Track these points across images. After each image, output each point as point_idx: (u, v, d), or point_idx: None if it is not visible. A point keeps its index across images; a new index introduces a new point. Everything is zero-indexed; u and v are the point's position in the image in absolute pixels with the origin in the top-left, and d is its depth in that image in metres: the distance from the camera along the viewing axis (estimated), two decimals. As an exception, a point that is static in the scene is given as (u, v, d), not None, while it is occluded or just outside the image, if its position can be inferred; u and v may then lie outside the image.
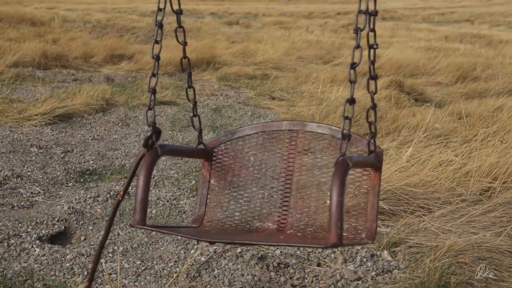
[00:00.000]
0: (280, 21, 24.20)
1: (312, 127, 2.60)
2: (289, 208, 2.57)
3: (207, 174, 2.71)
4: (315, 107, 7.94)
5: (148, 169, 2.33)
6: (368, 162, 2.27)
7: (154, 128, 2.41)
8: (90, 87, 8.05)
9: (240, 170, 2.69)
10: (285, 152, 2.64)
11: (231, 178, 2.69)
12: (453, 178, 4.69)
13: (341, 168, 1.97)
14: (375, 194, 2.32)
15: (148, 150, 2.40)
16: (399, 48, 14.65)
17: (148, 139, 2.39)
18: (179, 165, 5.50)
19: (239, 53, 13.09)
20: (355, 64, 2.07)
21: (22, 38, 12.35)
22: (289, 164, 2.62)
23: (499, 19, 26.66)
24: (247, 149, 2.71)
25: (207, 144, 2.71)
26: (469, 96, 9.07)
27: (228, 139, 2.73)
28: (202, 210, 2.68)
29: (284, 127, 2.66)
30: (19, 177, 4.91)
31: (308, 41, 16.24)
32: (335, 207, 1.89)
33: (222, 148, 2.73)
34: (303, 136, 2.62)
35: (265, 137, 2.69)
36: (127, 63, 11.34)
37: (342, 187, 1.92)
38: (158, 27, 2.44)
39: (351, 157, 2.03)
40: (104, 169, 5.33)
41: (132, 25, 18.46)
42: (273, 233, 2.53)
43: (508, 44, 15.87)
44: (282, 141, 2.66)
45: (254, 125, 2.73)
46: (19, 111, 6.77)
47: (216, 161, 2.72)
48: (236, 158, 2.71)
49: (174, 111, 7.78)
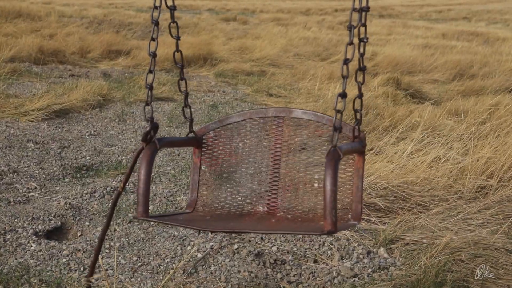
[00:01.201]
0: (278, 18, 24.18)
1: (297, 113, 2.70)
2: (278, 191, 2.67)
3: (198, 161, 2.81)
4: (312, 104, 7.95)
5: (148, 162, 2.42)
6: (355, 149, 2.38)
7: (152, 123, 2.48)
8: (87, 82, 8.04)
9: (230, 156, 2.78)
10: (273, 138, 2.74)
11: (221, 163, 2.79)
12: (449, 176, 4.70)
13: (333, 159, 2.07)
14: (359, 177, 2.43)
15: (147, 144, 2.45)
16: (396, 45, 14.67)
17: (147, 134, 2.46)
18: (176, 161, 5.50)
19: (236, 50, 13.08)
20: (348, 60, 2.18)
21: (19, 33, 12.31)
22: (276, 149, 2.72)
23: (496, 17, 26.66)
24: (236, 135, 2.80)
25: (197, 131, 2.81)
26: (466, 93, 9.08)
27: (217, 126, 2.82)
28: (194, 196, 2.78)
29: (271, 113, 2.76)
30: (16, 173, 4.90)
31: (306, 38, 16.23)
32: (329, 196, 2.00)
33: (212, 135, 2.82)
34: (289, 122, 2.71)
35: (253, 124, 2.78)
36: (124, 59, 11.33)
37: (335, 176, 2.02)
38: (155, 25, 2.51)
39: (341, 147, 2.14)
40: (100, 165, 5.32)
41: (129, 21, 18.41)
42: (264, 216, 2.62)
43: (505, 42, 15.89)
44: (269, 127, 2.75)
45: (242, 112, 2.82)
46: (15, 106, 6.76)
47: (206, 148, 2.82)
48: (225, 144, 2.80)
49: (171, 107, 7.77)
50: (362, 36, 2.26)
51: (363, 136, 2.42)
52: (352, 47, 2.17)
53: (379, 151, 5.38)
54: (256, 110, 2.78)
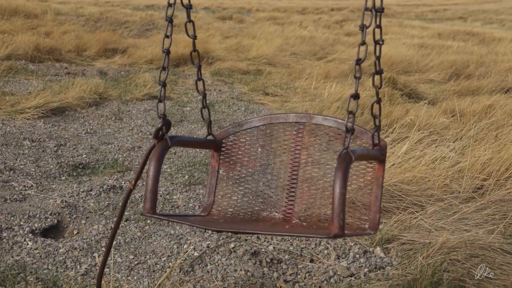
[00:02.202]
0: (274, 17, 24.20)
1: (318, 119, 2.66)
2: (295, 198, 2.63)
3: (216, 165, 2.77)
4: (308, 103, 7.95)
5: (158, 159, 2.38)
6: (372, 155, 2.33)
7: (164, 120, 2.46)
8: (83, 81, 8.03)
9: (248, 161, 2.75)
10: (292, 144, 2.70)
11: (239, 168, 2.76)
12: (446, 175, 4.71)
13: (344, 161, 2.02)
14: (379, 186, 2.37)
15: (158, 141, 2.43)
16: (393, 45, 14.69)
17: (159, 131, 2.44)
18: (172, 159, 5.50)
19: (232, 49, 13.07)
20: (360, 60, 2.12)
21: (15, 31, 12.29)
22: (295, 156, 2.68)
23: (491, 17, 26.71)
24: (255, 140, 2.77)
25: (216, 135, 2.78)
26: (462, 93, 9.09)
27: (236, 130, 2.79)
28: (210, 199, 2.75)
29: (291, 119, 2.72)
30: (12, 170, 4.89)
31: (302, 37, 16.24)
32: (337, 199, 1.95)
33: (231, 139, 2.79)
34: (309, 129, 2.67)
35: (272, 129, 2.75)
36: (120, 57, 11.31)
37: (345, 179, 1.97)
38: (169, 22, 2.47)
39: (354, 151, 2.08)
40: (97, 163, 5.32)
41: (125, 19, 18.39)
42: (279, 222, 2.58)
43: (500, 41, 15.92)
44: (289, 133, 2.72)
45: (262, 117, 2.79)
46: (11, 104, 6.74)
47: (225, 152, 2.79)
48: (244, 149, 2.77)
49: (168, 105, 7.76)
50: (377, 38, 2.20)
51: (384, 144, 2.36)
52: (365, 47, 2.12)
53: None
54: (276, 115, 2.76)
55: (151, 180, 2.33)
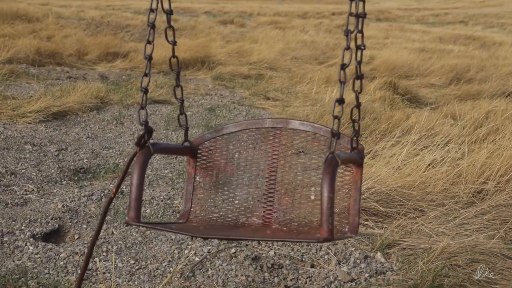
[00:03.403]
0: (275, 21, 24.21)
1: (294, 124, 2.66)
2: (274, 203, 2.63)
3: (192, 171, 2.76)
4: (309, 107, 7.96)
5: (141, 167, 2.36)
6: (353, 159, 2.34)
7: (146, 127, 2.45)
8: (84, 85, 8.04)
9: (225, 167, 2.74)
10: (269, 149, 2.69)
11: (216, 174, 2.74)
12: (446, 179, 4.71)
13: (331, 166, 2.03)
14: (357, 189, 2.38)
15: (140, 148, 2.42)
16: (394, 49, 14.70)
17: (141, 138, 2.42)
18: (173, 164, 5.51)
19: (234, 53, 13.08)
20: (345, 65, 2.12)
21: (16, 35, 12.31)
22: (273, 161, 2.68)
23: (492, 21, 26.73)
24: (232, 146, 2.76)
25: (192, 141, 2.76)
26: (462, 98, 9.09)
27: (212, 136, 2.78)
28: (188, 206, 2.73)
29: (268, 124, 2.72)
30: (13, 175, 4.90)
31: (303, 41, 16.26)
32: (326, 203, 1.96)
33: (207, 145, 2.77)
34: (286, 133, 2.67)
35: (249, 134, 2.74)
36: (121, 61, 11.33)
37: (332, 183, 1.98)
38: (151, 27, 2.47)
39: (339, 155, 2.10)
40: (98, 167, 5.33)
41: (126, 23, 18.43)
42: (259, 228, 2.58)
43: (501, 45, 15.92)
44: (266, 138, 2.71)
45: (239, 123, 2.78)
46: (13, 108, 6.75)
47: (201, 158, 2.77)
48: (221, 155, 2.76)
49: (169, 110, 7.77)
50: (359, 43, 2.20)
51: (362, 148, 2.37)
52: (349, 52, 2.13)
53: (376, 155, 5.40)
54: (252, 121, 2.75)
55: (135, 188, 2.32)
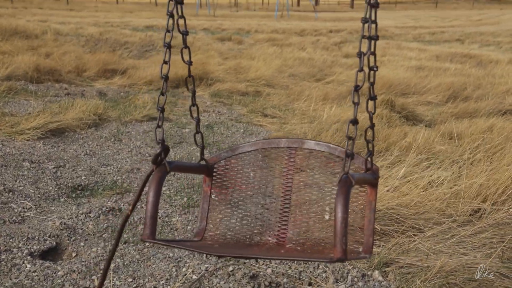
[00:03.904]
0: (273, 38, 24.25)
1: (310, 144, 2.66)
2: (288, 223, 2.63)
3: (208, 189, 2.77)
4: (307, 125, 7.98)
5: (157, 185, 2.39)
6: (367, 180, 2.35)
7: (163, 146, 2.47)
8: (82, 101, 8.06)
9: (240, 186, 2.75)
10: (284, 169, 2.70)
11: (232, 193, 2.75)
12: (443, 199, 4.73)
13: (345, 186, 2.04)
14: (372, 210, 2.39)
15: (157, 166, 2.44)
16: (391, 67, 14.74)
17: (158, 156, 2.45)
18: (171, 181, 5.51)
19: (231, 70, 13.12)
20: (358, 87, 2.14)
21: (15, 51, 12.35)
22: (288, 180, 2.68)
23: (489, 39, 26.84)
24: (247, 165, 2.77)
25: (208, 160, 2.78)
26: (459, 116, 9.12)
27: (228, 155, 2.79)
28: (203, 224, 2.74)
29: (283, 144, 2.73)
30: (11, 192, 4.90)
31: (300, 58, 16.30)
32: (339, 223, 1.96)
33: (223, 164, 2.79)
34: (301, 153, 2.68)
35: (264, 154, 2.76)
36: (119, 78, 11.36)
37: (346, 204, 1.99)
38: (167, 48, 2.49)
39: (353, 175, 2.11)
40: (96, 184, 5.33)
41: (124, 40, 18.48)
42: (273, 247, 2.58)
43: (498, 64, 15.96)
44: (281, 158, 2.72)
45: (254, 142, 2.80)
46: (11, 125, 6.77)
47: (217, 176, 2.78)
48: (236, 174, 2.77)
49: (167, 127, 7.79)
50: (372, 64, 2.23)
51: (376, 169, 2.38)
52: (362, 73, 2.14)
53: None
54: (268, 140, 2.77)
55: (151, 205, 2.34)
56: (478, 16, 57.76)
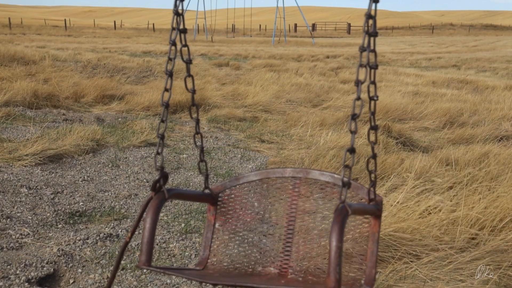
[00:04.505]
0: (270, 63, 24.38)
1: (314, 174, 2.67)
2: (291, 253, 2.63)
3: (212, 218, 2.77)
4: (304, 150, 8.00)
5: (155, 211, 2.39)
6: (368, 210, 2.34)
7: (162, 172, 2.47)
8: (80, 127, 8.09)
9: (244, 215, 2.75)
10: (288, 199, 2.70)
11: (236, 222, 2.75)
12: (441, 225, 4.74)
13: (340, 215, 2.03)
14: (375, 241, 2.37)
15: (155, 193, 2.44)
16: (387, 92, 14.82)
17: (156, 183, 2.44)
18: (168, 207, 5.52)
19: (229, 95, 13.18)
20: (355, 115, 2.13)
21: (13, 77, 12.40)
22: (291, 210, 2.68)
23: (485, 65, 27.01)
24: (252, 194, 2.77)
25: (213, 189, 2.78)
26: (456, 141, 9.16)
27: (233, 184, 2.80)
28: (206, 253, 2.74)
29: (288, 174, 2.74)
30: (9, 218, 4.91)
31: (297, 84, 16.38)
32: (333, 252, 1.95)
33: (228, 193, 2.79)
34: (305, 183, 2.68)
35: (269, 183, 2.76)
36: (117, 104, 11.40)
37: (341, 233, 1.98)
38: (168, 76, 2.49)
39: (350, 205, 2.09)
40: (93, 210, 5.34)
41: (122, 65, 18.55)
42: (274, 277, 2.58)
43: (494, 90, 16.06)
44: (286, 188, 2.72)
45: (259, 172, 2.80)
46: (9, 151, 6.79)
47: (221, 205, 2.78)
48: (241, 203, 2.77)
49: (164, 152, 7.81)
50: (372, 94, 2.22)
51: (380, 200, 2.37)
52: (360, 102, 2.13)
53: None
54: (273, 170, 2.77)
55: (148, 232, 2.34)
56: (474, 42, 58.20)
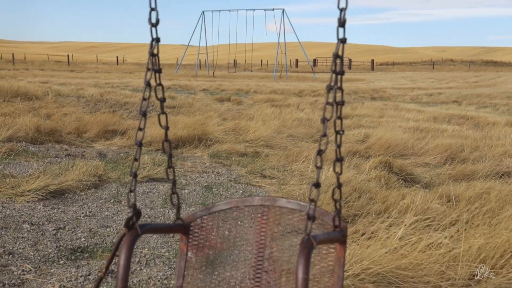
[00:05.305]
0: (271, 99, 24.49)
1: (282, 202, 2.74)
2: (261, 281, 2.68)
3: (185, 247, 2.82)
4: (305, 186, 8.02)
5: (129, 248, 2.41)
6: (333, 238, 2.40)
7: (135, 210, 2.50)
8: (82, 163, 8.13)
9: (215, 243, 2.80)
10: (258, 227, 2.76)
11: (207, 250, 2.80)
12: (442, 262, 4.74)
13: (306, 248, 2.08)
14: (340, 266, 2.44)
15: (128, 230, 2.48)
16: (388, 128, 14.88)
17: (129, 220, 2.47)
18: (170, 243, 5.53)
19: (230, 130, 13.24)
20: (321, 151, 2.21)
21: (17, 113, 12.49)
22: (261, 238, 2.74)
23: (485, 101, 27.11)
24: (222, 223, 2.83)
25: (184, 219, 2.83)
26: (457, 178, 9.18)
27: (204, 213, 2.85)
28: (179, 282, 2.79)
29: (256, 202, 2.81)
30: (11, 254, 4.92)
31: (299, 119, 16.45)
32: (300, 284, 2.00)
33: (199, 222, 2.85)
34: (273, 211, 2.75)
35: (239, 212, 2.82)
36: (119, 139, 11.46)
37: (307, 265, 2.03)
38: (142, 115, 2.55)
39: (315, 236, 2.16)
40: (95, 246, 5.35)
41: (124, 100, 18.67)
42: None
43: (495, 126, 16.11)
44: (255, 216, 2.79)
45: (229, 201, 2.86)
46: (12, 187, 6.82)
47: (193, 234, 2.84)
48: (212, 232, 2.82)
49: (166, 188, 7.83)
50: (338, 128, 2.32)
51: (345, 226, 2.44)
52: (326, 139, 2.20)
53: (371, 236, 5.43)
54: (242, 199, 2.83)
55: (122, 269, 2.36)
56: (474, 78, 58.50)
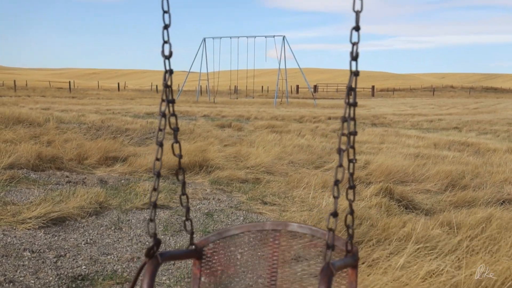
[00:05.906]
0: (272, 125, 24.54)
1: (293, 227, 2.78)
2: None
3: (198, 272, 2.86)
4: (306, 212, 8.02)
5: (150, 277, 2.50)
6: (348, 264, 2.45)
7: (155, 239, 2.56)
8: (83, 190, 8.15)
9: (228, 267, 2.83)
10: (269, 250, 2.81)
11: (220, 275, 2.84)
12: (444, 290, 4.73)
13: (326, 276, 2.15)
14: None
15: (149, 259, 2.52)
16: (389, 154, 14.89)
17: (150, 250, 2.54)
18: (171, 271, 5.52)
19: (231, 157, 13.26)
20: (338, 181, 2.29)
21: (18, 140, 12.53)
22: (273, 262, 2.78)
23: (486, 127, 27.16)
24: (234, 247, 2.87)
25: (197, 244, 2.88)
26: (458, 204, 9.17)
27: (216, 238, 2.90)
28: None
29: (268, 226, 2.85)
30: (11, 282, 4.91)
31: (299, 145, 16.47)
32: None
33: (211, 247, 2.89)
34: (285, 235, 2.79)
35: (250, 236, 2.86)
36: (120, 165, 11.47)
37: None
38: (159, 146, 2.62)
39: (334, 264, 2.23)
40: (96, 274, 5.34)
41: (126, 127, 18.72)
42: None
43: (495, 152, 16.11)
44: (266, 240, 2.83)
45: (241, 225, 2.91)
46: (12, 214, 6.83)
47: (206, 259, 2.88)
48: (224, 256, 2.87)
49: (167, 215, 7.84)
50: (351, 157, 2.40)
51: (356, 250, 2.50)
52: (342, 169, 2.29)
53: (372, 264, 5.43)
54: (254, 224, 2.88)
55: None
56: (475, 104, 58.63)
